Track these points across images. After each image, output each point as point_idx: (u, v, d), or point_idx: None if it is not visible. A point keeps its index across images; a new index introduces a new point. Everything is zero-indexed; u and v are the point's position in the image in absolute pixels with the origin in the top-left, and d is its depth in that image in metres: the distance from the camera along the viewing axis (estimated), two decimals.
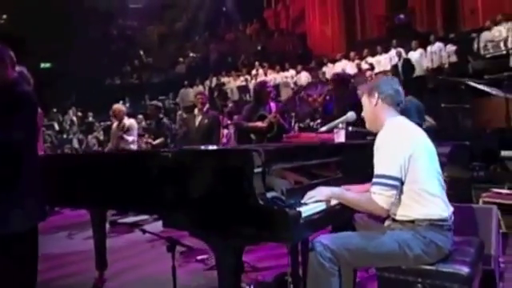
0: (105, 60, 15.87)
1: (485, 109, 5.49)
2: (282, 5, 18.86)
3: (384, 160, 1.90)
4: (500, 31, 9.25)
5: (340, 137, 2.84)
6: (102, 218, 3.47)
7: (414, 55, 10.59)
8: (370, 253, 1.90)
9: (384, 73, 10.56)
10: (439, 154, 2.03)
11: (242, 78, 14.24)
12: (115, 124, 6.31)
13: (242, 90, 13.47)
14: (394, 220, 2.01)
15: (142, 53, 18.24)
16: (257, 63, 14.25)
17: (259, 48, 17.13)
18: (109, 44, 17.09)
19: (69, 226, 5.77)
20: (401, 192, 1.91)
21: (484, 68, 9.01)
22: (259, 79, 12.83)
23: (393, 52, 10.96)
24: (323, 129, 2.41)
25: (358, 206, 1.97)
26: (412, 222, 1.92)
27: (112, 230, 5.17)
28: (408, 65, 10.22)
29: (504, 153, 2.58)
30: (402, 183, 1.90)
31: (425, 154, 1.95)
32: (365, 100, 2.10)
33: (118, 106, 6.47)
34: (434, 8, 12.72)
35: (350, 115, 2.35)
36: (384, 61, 11.33)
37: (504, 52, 9.15)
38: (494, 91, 4.78)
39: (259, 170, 1.83)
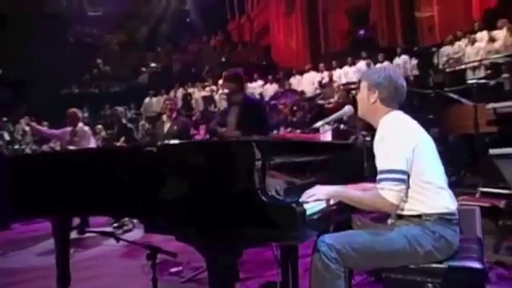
0: (62, 68, 15.14)
1: (454, 116, 5.65)
2: (246, 18, 18.98)
3: (389, 154, 1.79)
4: (459, 46, 9.69)
5: (327, 136, 2.74)
6: (66, 226, 3.13)
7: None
8: (378, 251, 1.77)
9: (351, 83, 10.83)
10: None
11: (207, 89, 14.08)
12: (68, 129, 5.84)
13: (207, 100, 13.31)
14: (398, 216, 1.89)
15: (99, 61, 17.61)
16: (224, 73, 14.13)
17: (223, 59, 17.08)
18: (66, 51, 16.35)
19: (26, 239, 5.28)
20: (407, 186, 1.80)
21: (443, 81, 9.40)
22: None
23: (361, 63, 11.21)
24: (318, 124, 2.29)
25: (363, 204, 1.84)
26: (419, 216, 1.81)
27: (78, 241, 4.76)
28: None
29: (492, 151, 2.58)
30: (409, 177, 1.79)
31: (428, 147, 1.87)
32: (364, 90, 1.99)
33: (73, 110, 5.90)
34: (394, 24, 13.22)
35: (348, 109, 2.24)
36: (352, 73, 11.58)
37: (462, 66, 9.59)
38: (463, 100, 4.91)
39: (260, 163, 1.66)
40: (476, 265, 1.75)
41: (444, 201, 1.83)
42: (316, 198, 1.80)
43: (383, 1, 13.42)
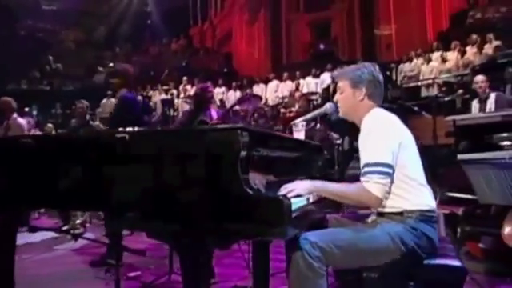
0: (9, 62, 14.20)
1: (414, 128, 5.83)
2: (208, 24, 18.88)
3: (376, 147, 1.76)
4: (415, 65, 10.16)
5: (300, 136, 2.69)
6: (11, 225, 2.83)
7: None
8: (362, 249, 1.72)
9: (312, 94, 11.00)
10: None
11: (168, 92, 13.79)
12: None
13: (166, 103, 13.00)
14: (379, 214, 1.85)
15: (51, 58, 16.71)
16: (185, 78, 13.92)
17: (184, 64, 16.84)
18: (15, 45, 15.39)
19: None
20: (392, 181, 1.77)
21: (400, 96, 9.77)
22: (188, 94, 12.58)
23: (326, 75, 11.40)
24: (298, 120, 2.22)
25: (347, 198, 1.79)
26: (401, 214, 1.79)
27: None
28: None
29: (460, 156, 2.65)
30: (393, 171, 1.76)
31: (411, 143, 1.86)
32: (347, 89, 1.95)
33: (5, 99, 5.21)
34: (354, 40, 13.66)
35: (329, 106, 2.20)
36: (314, 84, 11.77)
37: (418, 83, 10.04)
38: (423, 112, 5.08)
39: (245, 152, 1.55)
40: (456, 263, 1.75)
41: (425, 198, 1.82)
42: (296, 193, 1.71)
43: (345, 16, 13.86)
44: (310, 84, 11.84)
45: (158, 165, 1.68)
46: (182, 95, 12.88)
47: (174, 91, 13.67)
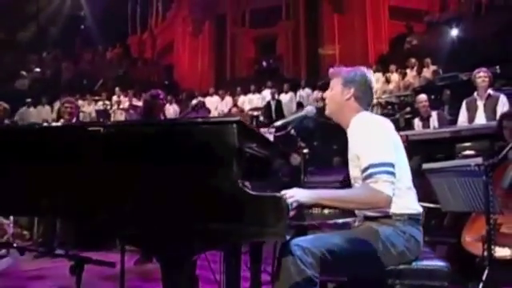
0: None
1: None
2: (148, 33, 18.51)
3: (379, 147, 1.75)
4: None
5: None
6: None
7: (285, 98, 11.42)
8: (354, 254, 1.69)
9: (255, 110, 11.13)
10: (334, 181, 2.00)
11: (100, 103, 13.15)
12: None
13: (101, 114, 12.40)
14: (366, 218, 1.86)
15: None
16: (117, 89, 13.40)
17: (120, 73, 16.28)
18: None
19: None
20: None
21: None
22: (122, 106, 12.14)
23: (266, 92, 11.60)
24: (278, 123, 2.20)
25: (353, 202, 1.74)
26: (389, 217, 1.80)
27: None
28: (280, 106, 10.95)
29: (425, 165, 2.79)
30: None
31: (401, 146, 1.89)
32: (337, 87, 1.96)
33: None
34: (299, 58, 14.15)
35: (310, 109, 2.20)
36: (256, 100, 11.91)
37: None
38: None
39: (237, 146, 1.49)
40: (442, 264, 1.80)
41: (413, 201, 1.85)
42: (295, 200, 1.60)
43: (290, 34, 14.33)
44: (253, 100, 11.99)
45: (137, 162, 1.55)
46: (114, 107, 12.38)
47: (107, 102, 13.11)
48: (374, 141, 1.78)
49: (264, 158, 2.16)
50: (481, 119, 4.76)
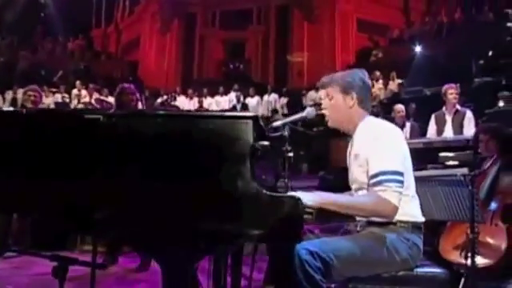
0: None
1: (337, 150, 6.18)
2: (113, 27, 17.93)
3: (391, 155, 1.74)
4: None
5: None
6: None
7: (252, 101, 11.41)
8: (360, 259, 1.68)
9: (225, 111, 11.05)
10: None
11: (58, 95, 12.55)
12: None
13: (61, 107, 11.82)
14: (370, 223, 1.83)
15: None
16: (78, 82, 12.86)
17: (82, 67, 15.65)
18: None
19: None
20: None
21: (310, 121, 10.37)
22: (83, 100, 11.69)
23: (232, 95, 11.55)
24: (277, 123, 2.14)
25: (359, 210, 1.73)
26: (394, 223, 1.79)
27: None
28: (246, 110, 10.92)
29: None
30: None
31: (409, 154, 1.89)
32: (337, 95, 1.93)
33: None
34: (267, 63, 14.21)
35: (311, 111, 2.15)
36: (224, 102, 11.82)
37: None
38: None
39: (252, 143, 1.42)
40: (440, 270, 1.82)
41: (416, 209, 1.86)
42: None
43: (260, 38, 14.38)
44: (220, 102, 11.90)
45: (139, 154, 1.45)
46: (74, 101, 11.87)
47: (66, 95, 12.53)
48: (386, 148, 1.77)
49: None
50: (449, 133, 4.96)
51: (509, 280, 2.82)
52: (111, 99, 11.92)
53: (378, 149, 1.75)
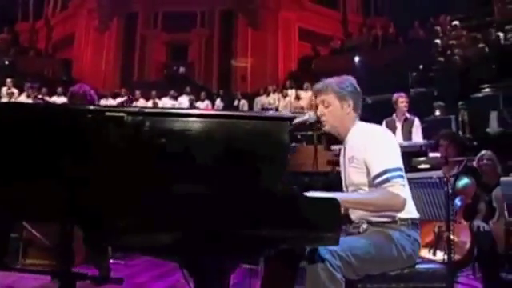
0: None
1: (297, 156, 6.32)
2: (44, 22, 16.75)
3: (391, 153, 1.88)
4: (274, 99, 11.13)
5: None
6: None
7: (202, 106, 11.29)
8: (375, 258, 1.76)
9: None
10: None
11: None
12: None
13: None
14: (371, 223, 1.91)
15: None
16: (9, 80, 11.85)
17: (7, 63, 14.43)
18: None
19: None
20: None
21: None
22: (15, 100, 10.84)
23: (184, 98, 11.34)
24: None
25: (372, 205, 1.82)
26: (395, 222, 1.89)
27: None
28: None
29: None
30: None
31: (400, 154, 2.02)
32: (334, 102, 2.01)
33: None
34: (211, 67, 14.15)
35: (312, 114, 2.20)
36: (170, 105, 11.53)
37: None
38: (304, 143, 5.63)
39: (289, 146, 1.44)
40: (440, 265, 1.95)
41: (413, 206, 1.99)
42: None
43: (204, 42, 14.28)
44: (167, 105, 11.63)
45: (165, 156, 1.39)
46: (5, 99, 10.92)
47: None
48: (385, 148, 1.90)
49: None
50: (399, 139, 5.30)
51: None
52: (54, 99, 11.18)
53: (378, 149, 1.87)
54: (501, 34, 9.33)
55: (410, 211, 1.95)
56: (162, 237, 1.36)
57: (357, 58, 12.28)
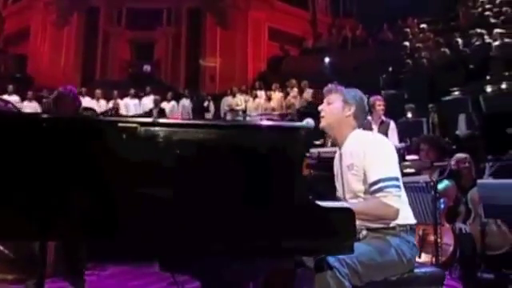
0: None
1: None
2: None
3: (387, 162, 1.94)
4: (241, 100, 11.15)
5: None
6: None
7: (168, 106, 11.14)
8: (379, 263, 1.83)
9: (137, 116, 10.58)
10: None
11: None
12: None
13: None
14: (371, 229, 1.98)
15: None
16: None
17: None
18: None
19: None
20: None
21: None
22: None
23: (149, 99, 11.13)
24: None
25: (365, 215, 1.87)
26: (393, 228, 1.97)
27: None
28: (163, 114, 10.61)
29: None
30: None
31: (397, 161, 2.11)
32: (338, 102, 2.07)
33: None
34: (179, 66, 13.99)
35: (311, 121, 2.24)
36: (133, 106, 11.34)
37: (241, 118, 11.00)
38: None
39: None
40: (436, 269, 2.05)
41: (410, 212, 2.08)
42: None
43: (170, 40, 14.10)
44: (129, 105, 11.41)
45: (181, 167, 1.40)
46: None
47: None
48: (382, 157, 1.97)
49: None
50: None
51: None
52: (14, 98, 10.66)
53: (375, 157, 1.94)
54: (459, 40, 9.74)
55: (408, 217, 2.04)
56: (179, 248, 1.37)
57: (327, 59, 12.51)
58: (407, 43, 11.24)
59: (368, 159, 1.95)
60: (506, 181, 4.02)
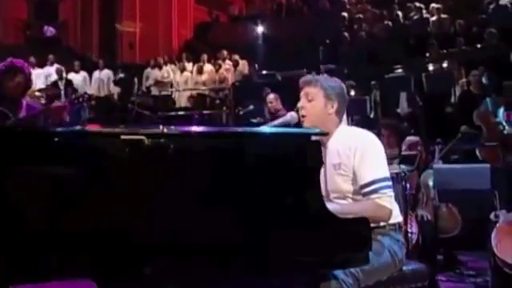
0: None
1: None
2: None
3: (379, 162, 2.03)
4: (168, 72, 10.79)
5: None
6: None
7: (77, 77, 10.47)
8: (375, 268, 1.92)
9: (40, 91, 9.77)
10: None
11: None
12: None
13: None
14: None
15: None
16: None
17: None
18: None
19: None
20: None
21: (154, 105, 10.12)
22: None
23: (51, 69, 10.35)
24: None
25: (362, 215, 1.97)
26: (383, 227, 2.08)
27: None
28: (71, 88, 9.95)
29: None
30: None
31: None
32: (320, 98, 2.10)
33: None
34: (90, 30, 13.13)
35: (295, 115, 2.24)
36: (35, 77, 10.45)
37: (170, 92, 10.72)
38: None
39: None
40: (421, 265, 2.24)
41: (398, 209, 2.20)
42: None
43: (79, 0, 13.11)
44: (40, 76, 10.52)
45: (193, 183, 1.37)
46: None
47: None
48: (373, 157, 2.05)
49: None
50: None
51: None
52: None
53: (366, 158, 2.01)
54: (399, 13, 10.27)
55: (396, 215, 2.17)
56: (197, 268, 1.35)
57: (260, 28, 12.50)
58: (345, 14, 11.56)
59: (358, 159, 2.01)
60: (460, 165, 4.44)
